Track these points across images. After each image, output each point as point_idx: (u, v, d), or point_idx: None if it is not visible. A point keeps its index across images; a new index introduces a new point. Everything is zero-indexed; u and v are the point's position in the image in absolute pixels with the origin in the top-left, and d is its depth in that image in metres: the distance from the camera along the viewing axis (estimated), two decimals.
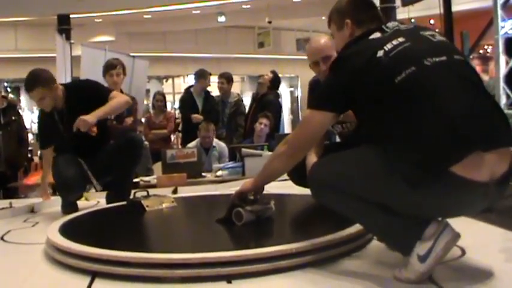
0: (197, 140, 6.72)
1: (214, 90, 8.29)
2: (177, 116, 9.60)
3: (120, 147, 3.99)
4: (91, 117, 3.60)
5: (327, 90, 2.32)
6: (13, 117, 6.85)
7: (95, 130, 3.69)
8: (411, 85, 2.03)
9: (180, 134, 8.88)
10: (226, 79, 7.86)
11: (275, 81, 7.66)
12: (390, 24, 2.29)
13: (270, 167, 2.57)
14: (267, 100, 7.46)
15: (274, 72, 7.73)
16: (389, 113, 2.05)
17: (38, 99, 3.77)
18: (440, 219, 2.03)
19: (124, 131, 3.98)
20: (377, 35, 2.24)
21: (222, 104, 7.91)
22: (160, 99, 8.12)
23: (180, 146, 8.64)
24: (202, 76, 7.76)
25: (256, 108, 7.40)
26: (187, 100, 7.78)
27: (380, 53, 2.11)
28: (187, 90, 7.97)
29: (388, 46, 2.12)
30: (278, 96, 8.05)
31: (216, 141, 6.70)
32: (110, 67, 5.53)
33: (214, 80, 8.31)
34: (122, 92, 5.57)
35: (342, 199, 2.15)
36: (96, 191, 4.36)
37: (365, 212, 2.13)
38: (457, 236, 1.98)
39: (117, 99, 3.85)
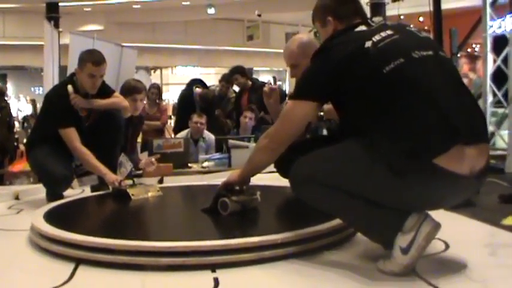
0: (188, 130, 6.66)
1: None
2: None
3: (101, 122, 4.11)
4: (90, 103, 4.02)
5: (308, 79, 2.30)
6: (2, 104, 6.84)
7: (85, 112, 4.03)
8: (400, 76, 2.05)
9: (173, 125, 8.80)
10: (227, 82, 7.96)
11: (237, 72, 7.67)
12: (376, 19, 2.32)
13: (254, 160, 2.57)
14: (258, 86, 7.44)
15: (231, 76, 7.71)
16: (377, 103, 2.05)
17: (101, 74, 4.01)
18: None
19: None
20: (362, 28, 2.26)
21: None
22: (155, 92, 8.10)
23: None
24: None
25: (249, 97, 7.37)
26: (188, 98, 7.68)
27: (368, 44, 2.11)
28: (188, 89, 7.78)
29: (377, 37, 2.13)
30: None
31: (206, 133, 6.65)
32: (134, 90, 4.73)
33: (203, 71, 8.25)
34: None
35: (322, 194, 2.14)
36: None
37: (345, 206, 2.14)
38: (437, 225, 2.00)
39: (119, 101, 4.22)
